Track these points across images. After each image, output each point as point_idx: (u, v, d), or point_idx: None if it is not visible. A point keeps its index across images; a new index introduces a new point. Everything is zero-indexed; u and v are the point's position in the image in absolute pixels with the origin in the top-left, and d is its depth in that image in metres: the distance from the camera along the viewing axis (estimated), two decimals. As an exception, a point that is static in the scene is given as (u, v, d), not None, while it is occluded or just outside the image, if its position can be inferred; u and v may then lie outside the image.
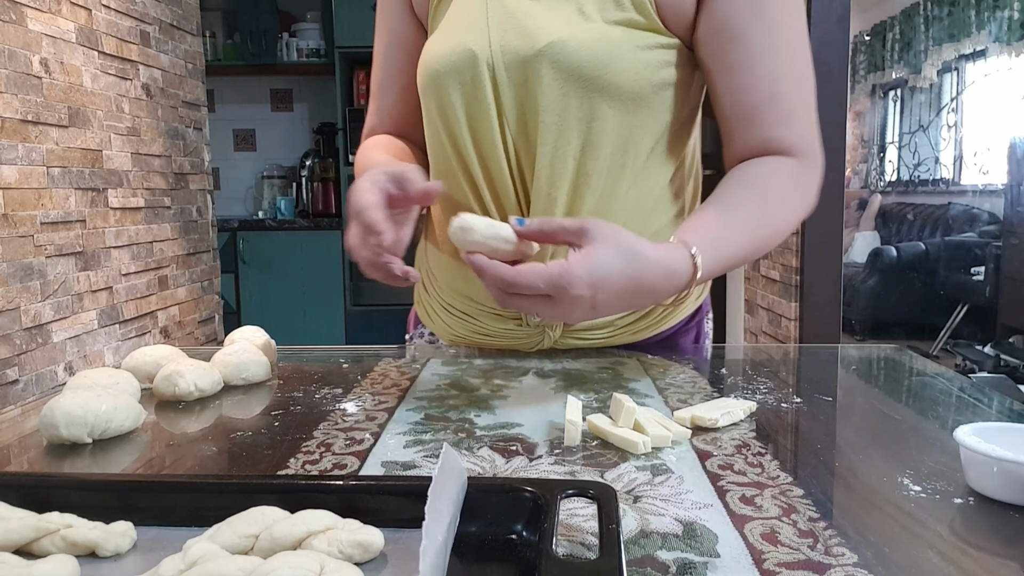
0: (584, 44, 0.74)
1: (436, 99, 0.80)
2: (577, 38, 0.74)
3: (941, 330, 4.49)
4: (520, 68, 0.76)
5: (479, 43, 0.77)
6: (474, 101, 0.78)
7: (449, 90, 0.78)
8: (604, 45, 0.74)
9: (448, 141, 0.81)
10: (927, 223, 5.07)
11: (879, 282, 4.81)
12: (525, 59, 0.75)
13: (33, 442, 0.61)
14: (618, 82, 0.75)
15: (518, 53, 0.76)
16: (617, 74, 0.75)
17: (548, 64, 0.75)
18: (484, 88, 0.77)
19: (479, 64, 0.76)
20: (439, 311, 0.93)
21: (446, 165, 0.82)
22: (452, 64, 0.78)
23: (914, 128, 5.74)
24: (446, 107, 0.79)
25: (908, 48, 5.48)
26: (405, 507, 0.42)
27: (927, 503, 0.46)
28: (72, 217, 2.18)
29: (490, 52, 0.76)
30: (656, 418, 0.59)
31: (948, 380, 0.77)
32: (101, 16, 2.33)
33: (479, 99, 0.77)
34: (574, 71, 0.74)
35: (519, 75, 0.76)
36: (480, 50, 0.77)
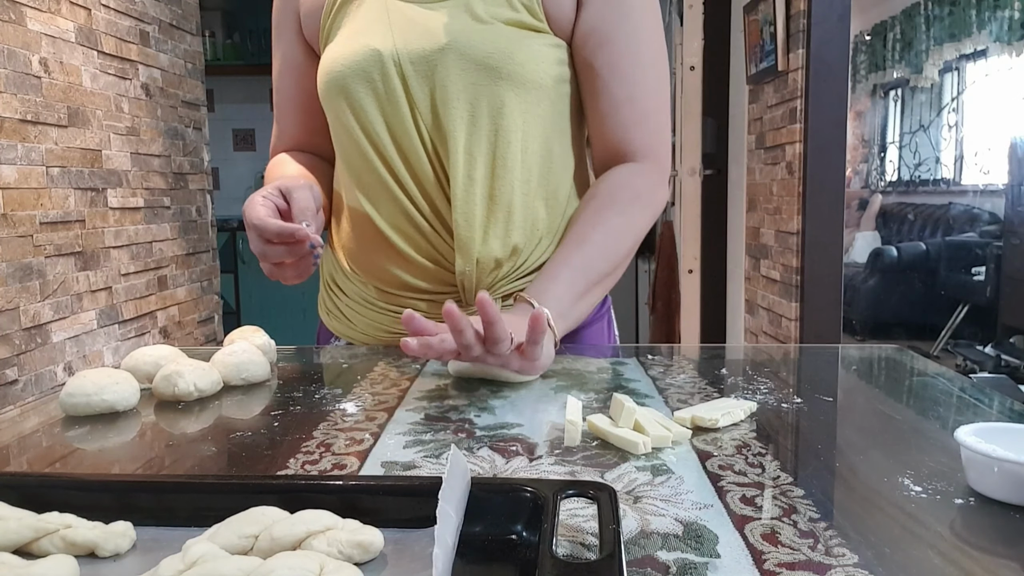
0: (486, 38, 0.80)
1: (345, 99, 0.83)
2: (479, 33, 0.80)
3: (942, 330, 4.49)
4: (426, 62, 0.81)
5: (383, 43, 0.81)
6: (384, 96, 0.82)
7: (358, 88, 0.82)
8: (504, 40, 0.81)
9: (364, 138, 0.84)
10: (928, 223, 5.07)
11: (880, 282, 4.81)
12: (431, 53, 0.80)
13: (32, 442, 0.61)
14: (521, 72, 0.81)
15: (424, 49, 0.81)
16: (519, 65, 0.80)
17: (455, 56, 0.80)
18: (392, 82, 0.81)
19: (385, 60, 0.81)
20: (360, 311, 0.93)
21: (364, 163, 0.85)
22: (357, 63, 0.82)
23: (915, 128, 5.74)
24: (356, 105, 0.83)
25: (909, 48, 5.48)
26: (405, 507, 0.42)
27: (928, 503, 0.46)
28: (71, 217, 2.18)
29: (395, 49, 0.81)
30: (656, 418, 0.59)
31: (949, 380, 0.77)
32: (100, 16, 2.33)
33: (389, 93, 0.82)
34: (480, 62, 0.80)
35: (426, 68, 0.81)
36: (384, 48, 0.81)
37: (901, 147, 5.92)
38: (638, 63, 0.85)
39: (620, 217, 0.84)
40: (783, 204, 2.74)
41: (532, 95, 0.82)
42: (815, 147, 2.54)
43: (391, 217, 0.86)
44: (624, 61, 0.84)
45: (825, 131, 2.53)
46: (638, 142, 0.86)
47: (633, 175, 0.86)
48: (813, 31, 2.49)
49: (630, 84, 0.85)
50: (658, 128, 0.88)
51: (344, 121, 0.85)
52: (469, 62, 0.80)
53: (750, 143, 3.11)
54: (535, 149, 0.84)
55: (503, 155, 0.82)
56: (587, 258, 0.81)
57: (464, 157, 0.82)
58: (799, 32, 2.54)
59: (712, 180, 3.40)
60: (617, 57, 0.84)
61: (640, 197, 0.86)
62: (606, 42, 0.83)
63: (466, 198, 0.82)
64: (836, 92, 2.52)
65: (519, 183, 0.84)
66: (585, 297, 0.81)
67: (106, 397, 0.66)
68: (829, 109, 2.53)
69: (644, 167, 0.87)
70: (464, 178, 0.82)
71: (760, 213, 3.00)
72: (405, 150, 0.83)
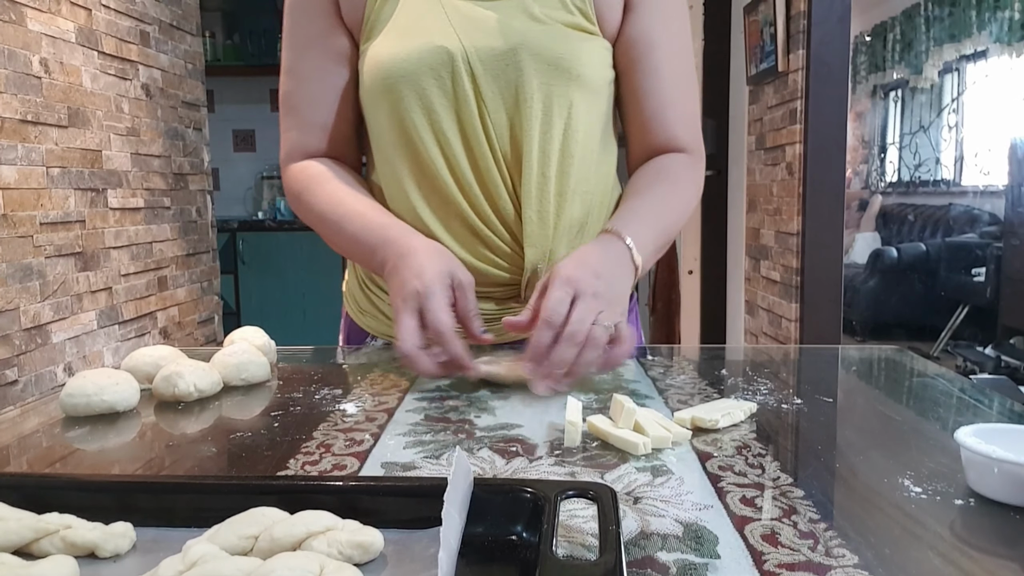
0: (555, 39, 0.82)
1: (417, 98, 0.81)
2: (546, 34, 0.81)
3: (942, 331, 4.49)
4: (498, 62, 0.81)
5: (448, 41, 0.81)
6: (455, 95, 0.81)
7: (428, 87, 0.81)
8: (571, 41, 0.83)
9: (431, 137, 0.82)
10: (928, 224, 5.07)
11: (880, 283, 4.81)
12: (502, 54, 0.80)
13: (32, 443, 0.61)
14: (587, 74, 0.83)
15: (493, 49, 0.81)
16: (584, 66, 0.83)
17: (528, 56, 0.80)
18: (463, 82, 0.81)
19: (456, 60, 0.80)
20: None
21: (425, 165, 0.83)
22: (424, 61, 0.80)
23: (915, 129, 5.74)
24: (427, 105, 0.82)
25: (909, 48, 5.48)
26: (405, 508, 0.42)
27: (928, 504, 0.46)
28: (71, 217, 2.18)
29: (463, 48, 0.80)
30: (656, 419, 0.59)
31: (949, 381, 0.77)
32: (101, 16, 2.33)
33: (459, 93, 0.81)
34: (554, 62, 0.81)
35: (498, 68, 0.81)
36: (451, 45, 0.80)
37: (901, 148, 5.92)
38: (680, 67, 0.90)
39: (677, 184, 0.89)
40: (783, 205, 2.74)
41: (592, 95, 0.85)
42: (815, 148, 2.54)
43: (447, 221, 0.85)
44: (669, 64, 0.89)
45: (825, 132, 2.53)
46: (682, 140, 0.91)
47: (679, 162, 0.91)
48: (813, 32, 2.49)
49: (673, 86, 0.89)
50: (697, 128, 0.94)
51: (408, 122, 0.82)
52: (542, 63, 0.81)
53: (750, 144, 3.11)
54: (593, 147, 0.87)
55: (571, 153, 0.84)
56: (663, 211, 0.86)
57: (539, 155, 0.83)
58: (799, 33, 2.54)
59: (712, 181, 3.40)
60: (663, 61, 0.88)
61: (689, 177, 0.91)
62: (654, 46, 0.87)
63: (540, 194, 0.83)
64: (836, 93, 2.52)
65: (583, 179, 0.86)
66: (658, 241, 0.84)
67: (106, 398, 0.66)
68: (829, 110, 2.53)
69: (688, 157, 0.92)
70: (538, 175, 0.83)
71: (760, 214, 3.00)
72: (473, 151, 0.83)
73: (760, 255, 3.00)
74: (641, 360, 0.84)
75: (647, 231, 0.81)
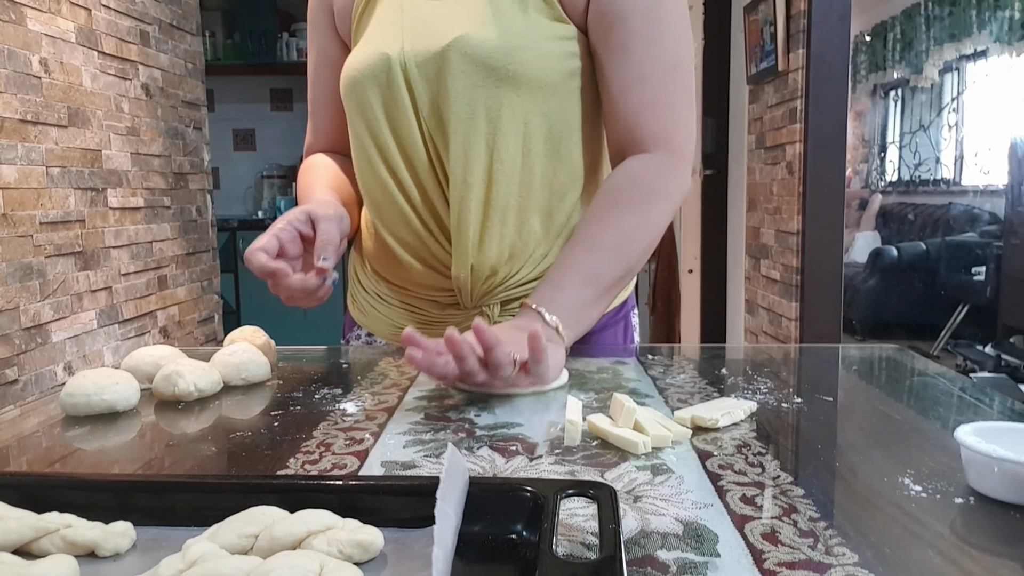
0: (489, 38, 0.78)
1: (356, 103, 0.84)
2: (482, 32, 0.78)
3: (942, 330, 4.49)
4: (431, 64, 0.80)
5: (393, 47, 0.81)
6: (391, 100, 0.82)
7: (368, 93, 0.83)
8: (509, 38, 0.78)
9: (371, 141, 0.84)
10: (928, 223, 5.07)
11: (880, 282, 4.80)
12: (435, 55, 0.80)
13: (32, 442, 0.61)
14: (523, 72, 0.78)
15: (428, 51, 0.80)
16: (522, 64, 0.78)
17: (456, 57, 0.78)
18: (399, 86, 0.81)
19: (392, 65, 0.81)
20: (376, 305, 0.95)
21: (370, 166, 0.85)
22: (368, 68, 0.82)
23: (915, 128, 5.74)
24: (366, 109, 0.83)
25: (909, 48, 5.48)
26: (405, 507, 0.42)
27: (928, 503, 0.46)
28: (71, 217, 2.18)
29: (402, 53, 0.81)
30: (656, 418, 0.59)
31: (949, 380, 0.77)
32: (101, 16, 2.33)
33: (395, 97, 0.82)
34: (480, 62, 0.78)
35: (430, 70, 0.80)
36: (393, 52, 0.81)
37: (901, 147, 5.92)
38: (651, 41, 0.78)
39: (633, 216, 0.78)
40: (783, 204, 2.74)
41: (536, 94, 0.79)
42: (815, 147, 2.54)
43: (391, 223, 0.87)
44: (636, 40, 0.78)
45: (825, 131, 2.53)
46: (648, 128, 0.79)
47: (645, 168, 0.80)
48: (813, 31, 2.49)
49: (640, 63, 0.78)
50: (671, 111, 0.80)
51: (354, 125, 0.86)
52: (469, 63, 0.78)
53: (750, 143, 3.11)
54: (538, 151, 0.81)
55: (500, 159, 0.80)
56: (597, 263, 0.77)
57: (462, 161, 0.80)
58: (799, 32, 2.54)
59: (712, 180, 3.40)
60: (628, 35, 0.78)
61: (654, 192, 0.80)
62: (619, 21, 0.78)
63: (462, 203, 0.81)
64: (836, 92, 2.52)
65: (517, 187, 0.81)
66: (596, 304, 0.78)
67: (106, 397, 0.66)
68: (829, 109, 2.52)
69: (657, 157, 0.80)
70: (461, 183, 0.80)
71: (760, 213, 3.00)
72: (409, 155, 0.83)
73: (760, 254, 3.00)
74: (641, 359, 0.84)
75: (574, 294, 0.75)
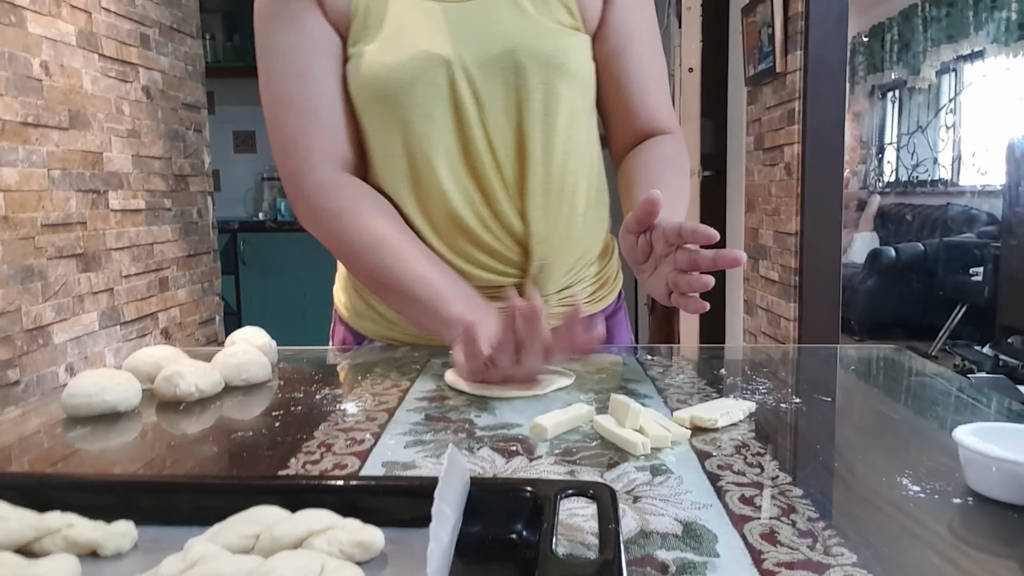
0: (547, 36, 0.83)
1: (416, 107, 0.81)
2: (538, 32, 0.82)
3: (940, 330, 4.49)
4: (494, 65, 0.81)
5: (439, 47, 0.80)
6: (453, 104, 0.81)
7: (426, 96, 0.81)
8: (560, 37, 0.84)
9: (436, 148, 0.82)
10: (926, 224, 5.08)
11: (878, 283, 4.81)
12: (498, 56, 0.81)
13: (34, 443, 0.61)
14: (575, 69, 0.85)
15: (488, 53, 0.81)
16: (574, 62, 0.85)
17: (525, 57, 0.81)
18: (461, 88, 0.81)
19: (452, 67, 0.80)
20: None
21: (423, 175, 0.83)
22: (420, 71, 0.80)
23: (912, 129, 5.74)
24: (425, 114, 0.81)
25: (906, 49, 5.49)
26: (406, 507, 0.42)
27: (926, 503, 0.46)
28: (73, 219, 2.18)
29: (458, 55, 0.80)
30: (656, 418, 0.59)
31: (947, 380, 0.77)
32: (101, 19, 2.33)
33: (458, 100, 0.81)
34: (548, 59, 0.82)
35: (494, 71, 0.81)
36: (445, 52, 0.80)
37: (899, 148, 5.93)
38: (656, 53, 0.94)
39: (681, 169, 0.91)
40: (781, 205, 2.74)
41: (582, 90, 0.87)
42: (813, 148, 2.54)
43: (447, 233, 0.84)
44: (648, 51, 0.92)
45: (823, 132, 2.53)
46: (666, 121, 0.94)
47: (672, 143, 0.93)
48: (811, 33, 2.49)
49: (651, 69, 0.93)
50: (671, 109, 0.97)
51: (409, 132, 0.82)
52: (539, 62, 0.82)
53: (748, 144, 3.11)
54: (588, 140, 0.90)
55: (573, 149, 0.86)
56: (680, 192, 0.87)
57: (542, 155, 0.84)
58: (797, 34, 2.54)
59: (711, 181, 3.40)
60: (643, 48, 0.91)
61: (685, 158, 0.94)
62: (633, 35, 0.90)
63: (545, 192, 0.84)
64: (834, 93, 2.52)
65: (582, 172, 0.88)
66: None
67: (107, 398, 0.66)
68: (827, 110, 2.53)
69: (676, 139, 0.94)
70: (543, 173, 0.84)
71: (759, 214, 3.00)
72: (473, 157, 0.83)
73: (759, 255, 3.01)
74: (640, 359, 0.84)
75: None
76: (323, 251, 0.89)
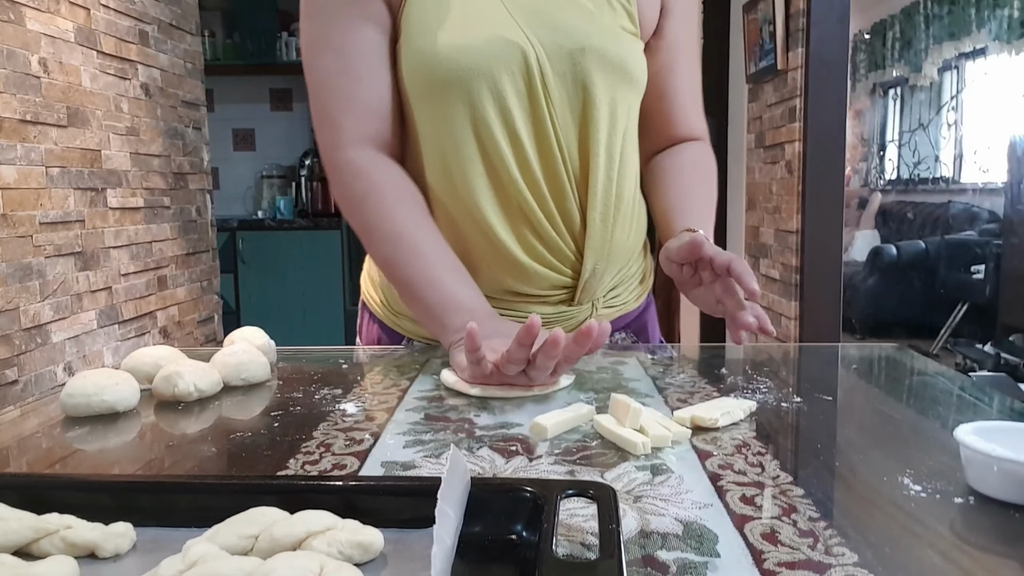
0: (614, 41, 0.83)
1: (489, 92, 0.78)
2: (605, 36, 0.82)
3: (941, 329, 4.49)
4: (564, 61, 0.80)
5: (515, 35, 0.79)
6: (527, 94, 0.80)
7: (502, 82, 0.78)
8: (625, 42, 0.84)
9: (505, 138, 0.80)
10: (927, 222, 5.07)
11: (879, 281, 4.81)
12: (571, 52, 0.80)
13: (32, 443, 0.61)
14: (637, 76, 0.86)
15: (562, 48, 0.80)
16: (635, 69, 0.85)
17: (595, 58, 0.81)
18: (535, 78, 0.80)
19: (528, 57, 0.79)
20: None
21: (494, 163, 0.80)
22: (497, 56, 0.78)
23: (914, 126, 5.74)
24: (501, 102, 0.79)
25: (908, 47, 5.48)
26: (405, 507, 0.42)
27: (927, 502, 0.46)
28: (71, 217, 2.17)
29: (533, 45, 0.79)
30: (656, 418, 0.59)
31: (948, 379, 0.77)
32: (100, 16, 2.33)
33: (532, 89, 0.80)
34: (618, 66, 0.83)
35: (564, 67, 0.81)
36: (521, 41, 0.79)
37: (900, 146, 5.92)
38: (698, 64, 0.99)
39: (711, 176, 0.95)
40: (782, 203, 2.74)
41: (637, 96, 0.88)
42: (814, 146, 2.54)
43: (515, 224, 0.83)
44: (692, 64, 0.97)
45: (824, 130, 2.53)
46: (698, 128, 0.98)
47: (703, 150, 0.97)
48: (812, 30, 2.49)
49: (692, 81, 0.97)
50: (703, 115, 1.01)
51: (481, 117, 0.79)
52: (607, 65, 0.81)
53: (749, 142, 3.11)
54: (633, 147, 0.90)
55: (628, 155, 0.87)
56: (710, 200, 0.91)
57: (605, 159, 0.83)
58: (798, 31, 2.54)
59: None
60: (685, 60, 0.94)
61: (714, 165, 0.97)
62: (682, 48, 0.93)
63: (605, 198, 0.84)
64: (835, 91, 2.52)
65: (633, 181, 0.90)
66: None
67: (106, 398, 0.66)
68: (828, 108, 2.52)
69: (705, 145, 0.98)
70: (604, 178, 0.84)
71: (759, 212, 3.00)
72: (544, 152, 0.81)
73: (759, 253, 3.00)
74: (641, 359, 0.84)
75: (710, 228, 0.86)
76: (323, 250, 0.89)
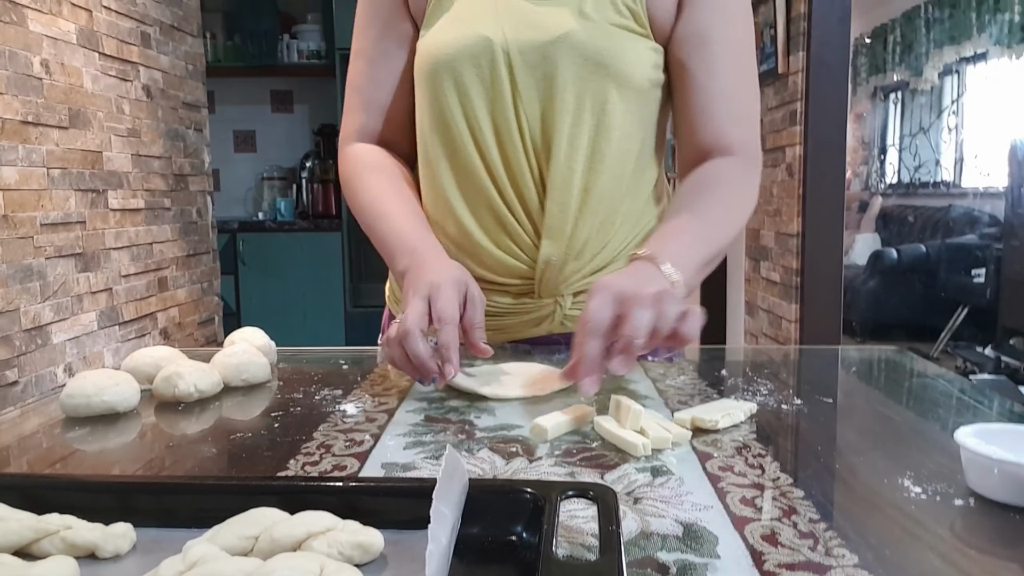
0: (596, 35, 0.82)
1: (451, 82, 0.83)
2: (588, 30, 0.82)
3: (942, 332, 4.49)
4: (536, 53, 0.82)
5: (492, 31, 0.82)
6: (490, 82, 0.83)
7: (464, 72, 0.83)
8: (613, 39, 0.83)
9: (463, 121, 0.84)
10: (928, 225, 5.07)
11: (880, 284, 4.80)
12: (541, 45, 0.82)
13: (33, 443, 0.61)
14: (627, 72, 0.83)
15: (534, 41, 0.82)
16: (626, 65, 0.82)
17: (566, 49, 0.81)
18: (500, 70, 0.82)
19: (495, 48, 0.82)
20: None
21: (458, 150, 0.85)
22: (466, 49, 0.82)
23: (915, 130, 5.74)
24: (462, 90, 0.83)
25: (909, 50, 5.48)
26: (405, 508, 0.42)
27: (928, 505, 0.46)
28: (72, 218, 2.18)
29: (504, 39, 0.82)
30: (656, 420, 0.59)
31: (948, 382, 0.77)
32: (102, 17, 2.33)
33: (495, 80, 0.82)
34: (591, 57, 0.81)
35: (535, 59, 0.82)
36: (494, 36, 0.82)
37: (901, 149, 5.92)
38: (732, 62, 0.87)
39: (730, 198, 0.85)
40: (783, 206, 2.74)
41: (632, 95, 0.84)
42: (815, 149, 2.54)
43: (475, 207, 0.86)
44: (720, 60, 0.86)
45: (825, 133, 2.53)
46: (732, 137, 0.87)
47: (732, 169, 0.86)
48: (813, 34, 2.49)
49: (723, 80, 0.86)
50: (751, 125, 0.89)
51: (444, 106, 0.85)
52: (579, 56, 0.81)
53: (750, 145, 3.10)
54: (629, 148, 0.86)
55: (602, 150, 0.84)
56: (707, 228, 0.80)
57: (567, 148, 0.83)
58: (799, 35, 2.54)
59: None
60: (713, 56, 0.85)
61: (742, 188, 0.87)
62: (704, 43, 0.85)
63: (564, 187, 0.84)
64: (836, 94, 2.52)
65: (613, 180, 0.86)
66: (704, 268, 0.79)
67: (106, 398, 0.66)
68: (829, 111, 2.53)
69: (741, 161, 0.87)
70: (564, 168, 0.83)
71: (760, 215, 3.00)
72: (503, 138, 0.84)
73: (760, 256, 3.01)
74: (641, 361, 0.84)
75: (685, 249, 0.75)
76: (323, 251, 0.89)
